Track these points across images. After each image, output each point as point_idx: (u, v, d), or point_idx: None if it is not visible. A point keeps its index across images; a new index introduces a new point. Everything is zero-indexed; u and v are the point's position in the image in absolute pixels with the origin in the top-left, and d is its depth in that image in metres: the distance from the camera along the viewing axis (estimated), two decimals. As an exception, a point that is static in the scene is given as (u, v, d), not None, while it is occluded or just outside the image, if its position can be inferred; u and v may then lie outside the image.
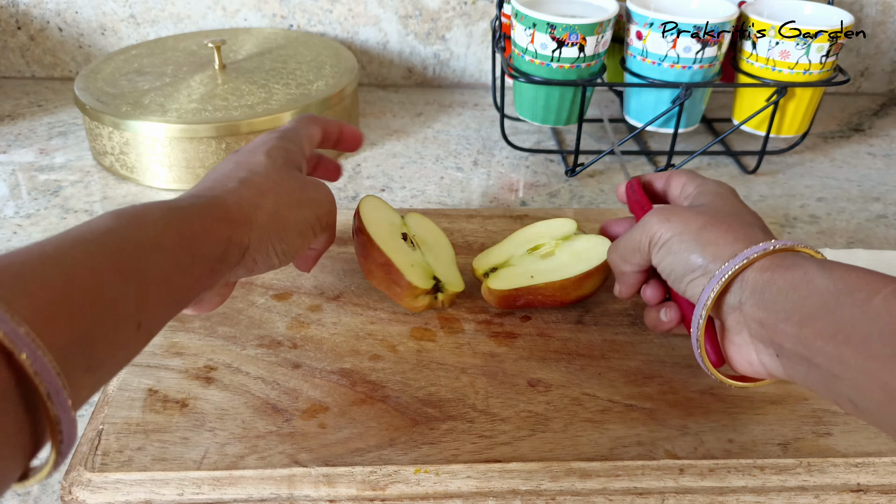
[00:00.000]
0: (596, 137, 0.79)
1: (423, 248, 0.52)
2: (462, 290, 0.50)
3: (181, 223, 0.34)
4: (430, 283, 0.49)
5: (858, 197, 0.70)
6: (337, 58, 0.78)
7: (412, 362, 0.46)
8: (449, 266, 0.51)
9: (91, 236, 0.30)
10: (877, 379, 0.29)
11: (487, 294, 0.49)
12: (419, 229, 0.53)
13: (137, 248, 0.31)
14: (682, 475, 0.39)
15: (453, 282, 0.50)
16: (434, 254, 0.52)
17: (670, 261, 0.39)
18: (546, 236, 0.52)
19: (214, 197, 0.37)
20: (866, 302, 0.31)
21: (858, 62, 0.90)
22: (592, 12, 0.67)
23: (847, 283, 0.32)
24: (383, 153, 0.75)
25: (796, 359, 0.33)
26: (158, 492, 0.38)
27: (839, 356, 0.31)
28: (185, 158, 0.66)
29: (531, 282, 0.48)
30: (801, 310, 0.33)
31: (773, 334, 0.34)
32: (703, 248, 0.38)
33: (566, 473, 0.39)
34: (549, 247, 0.51)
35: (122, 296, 0.29)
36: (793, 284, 0.34)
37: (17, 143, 0.75)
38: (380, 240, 0.49)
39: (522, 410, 0.43)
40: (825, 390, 0.33)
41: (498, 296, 0.49)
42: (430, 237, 0.53)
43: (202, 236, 0.35)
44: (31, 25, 0.85)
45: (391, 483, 0.38)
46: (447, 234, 0.55)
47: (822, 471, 0.40)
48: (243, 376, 0.45)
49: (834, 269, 0.34)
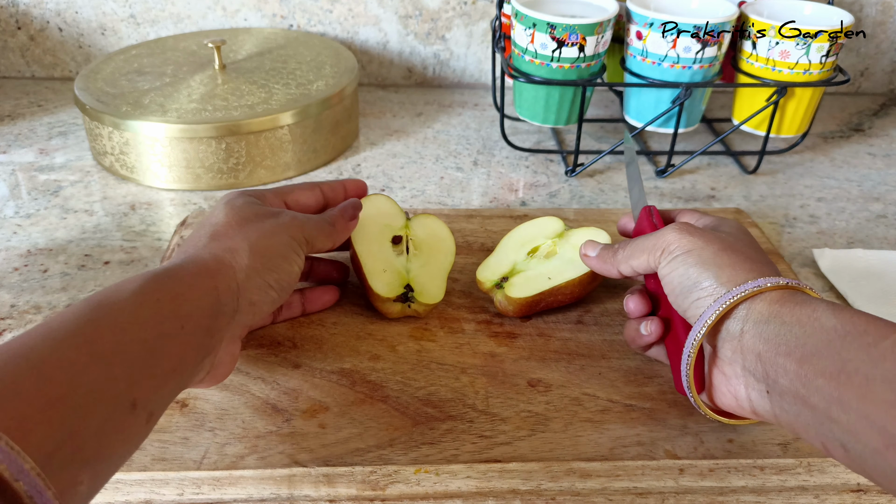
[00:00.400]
0: (596, 137, 0.79)
1: (416, 254, 0.50)
2: (436, 303, 0.49)
3: (158, 291, 0.33)
4: (395, 291, 0.48)
5: (858, 197, 0.70)
6: (337, 58, 0.78)
7: (412, 362, 0.46)
8: (435, 276, 0.50)
9: (60, 327, 0.29)
10: (876, 424, 0.29)
11: (506, 305, 0.48)
12: (424, 233, 0.52)
13: (115, 331, 0.30)
14: (682, 475, 0.39)
15: (431, 293, 0.48)
16: (425, 261, 0.50)
17: (679, 273, 0.39)
18: (539, 237, 0.52)
19: (187, 258, 0.37)
20: (873, 345, 0.30)
21: (858, 62, 0.90)
22: (592, 12, 0.67)
23: (855, 325, 0.32)
24: (383, 153, 0.75)
25: (790, 397, 0.33)
26: (158, 492, 0.38)
27: (838, 397, 0.30)
28: (185, 158, 0.66)
29: (550, 283, 0.48)
30: (804, 346, 0.32)
31: (770, 368, 0.34)
32: (718, 269, 0.37)
33: (566, 473, 0.39)
34: (547, 246, 0.51)
35: (107, 382, 0.28)
36: (799, 320, 0.33)
37: (17, 143, 0.75)
38: (360, 241, 0.49)
39: (522, 410, 0.43)
40: (815, 433, 0.32)
41: (520, 304, 0.48)
42: (432, 243, 0.51)
43: (186, 296, 0.34)
44: (31, 25, 0.85)
45: (391, 483, 0.38)
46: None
47: (822, 471, 0.40)
48: (243, 376, 0.45)
49: (843, 311, 0.33)
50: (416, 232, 0.52)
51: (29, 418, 0.25)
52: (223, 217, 0.41)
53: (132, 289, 0.33)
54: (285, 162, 0.69)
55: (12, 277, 0.55)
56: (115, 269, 0.56)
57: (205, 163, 0.66)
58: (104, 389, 0.28)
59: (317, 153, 0.71)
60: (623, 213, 0.62)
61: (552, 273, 0.48)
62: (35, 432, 0.25)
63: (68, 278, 0.55)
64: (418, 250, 0.51)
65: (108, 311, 0.31)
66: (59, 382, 0.27)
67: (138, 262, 0.57)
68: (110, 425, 0.28)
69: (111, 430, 0.28)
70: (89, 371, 0.28)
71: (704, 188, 0.70)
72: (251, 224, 0.41)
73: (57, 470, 0.25)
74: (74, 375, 0.27)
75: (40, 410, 0.25)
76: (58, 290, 0.54)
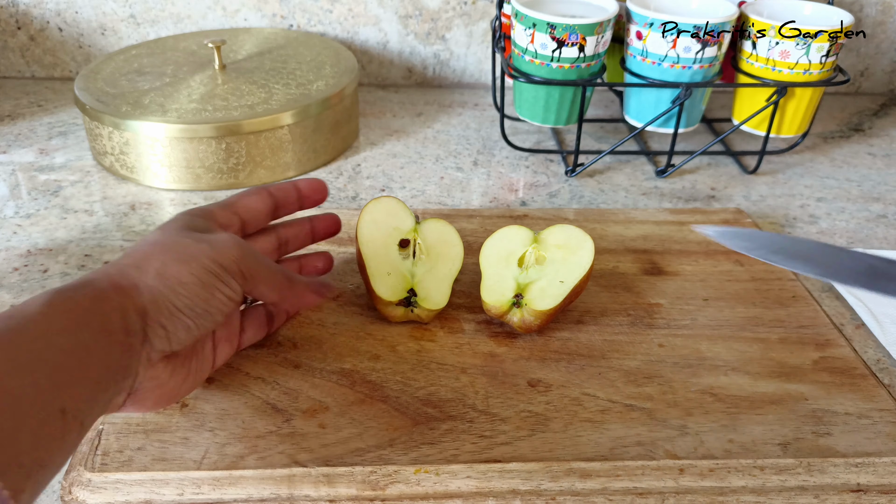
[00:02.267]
0: (596, 137, 0.79)
1: (423, 259, 0.50)
2: (439, 309, 0.48)
3: (67, 302, 0.33)
4: (398, 295, 0.48)
5: (858, 197, 0.70)
6: (337, 58, 0.78)
7: (412, 362, 0.46)
8: (441, 282, 0.49)
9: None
10: None
11: (532, 320, 0.47)
12: (433, 237, 0.50)
13: (30, 339, 0.30)
14: (682, 475, 0.39)
15: (434, 298, 0.48)
16: (432, 266, 0.49)
17: None
18: (517, 247, 0.50)
19: (97, 271, 0.36)
20: None
21: (858, 62, 0.90)
22: (592, 12, 0.67)
23: None
24: (383, 153, 0.75)
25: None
26: (158, 492, 0.38)
27: None
28: (185, 158, 0.66)
29: (567, 286, 0.47)
30: None
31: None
32: None
33: (566, 473, 0.39)
34: (532, 252, 0.49)
35: (30, 387, 0.29)
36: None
37: (17, 143, 0.75)
38: (366, 242, 0.49)
39: (522, 410, 0.43)
40: None
41: (547, 315, 0.46)
42: (441, 248, 0.50)
43: (94, 309, 0.33)
44: (31, 25, 0.85)
45: (391, 483, 0.38)
46: None
47: (822, 471, 0.40)
48: (243, 376, 0.45)
49: None
50: (426, 235, 0.51)
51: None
52: (151, 237, 0.39)
53: (41, 301, 0.32)
54: (285, 162, 0.69)
55: (12, 277, 0.55)
56: (115, 269, 0.56)
57: (205, 163, 0.66)
58: (30, 396, 0.28)
59: (317, 153, 0.71)
60: (623, 213, 0.62)
61: (560, 276, 0.47)
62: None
63: (68, 278, 0.55)
64: (426, 255, 0.50)
65: (19, 321, 0.31)
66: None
67: (138, 262, 0.57)
68: (45, 431, 0.29)
69: (46, 436, 0.29)
70: (12, 378, 0.28)
71: (704, 188, 0.70)
72: (175, 245, 0.38)
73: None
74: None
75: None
76: (58, 290, 0.54)
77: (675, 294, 0.52)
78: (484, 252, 0.50)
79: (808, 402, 0.44)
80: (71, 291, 0.34)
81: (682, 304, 0.51)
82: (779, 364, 0.47)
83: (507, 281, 0.48)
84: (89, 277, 0.35)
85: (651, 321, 0.50)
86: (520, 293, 0.47)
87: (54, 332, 0.31)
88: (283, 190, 0.46)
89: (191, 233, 0.39)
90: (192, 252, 0.37)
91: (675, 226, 0.60)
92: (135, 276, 0.36)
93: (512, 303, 0.47)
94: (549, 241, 0.49)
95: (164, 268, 0.36)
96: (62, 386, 0.30)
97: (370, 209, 0.50)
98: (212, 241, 0.38)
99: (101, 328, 0.33)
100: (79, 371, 0.31)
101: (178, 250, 0.37)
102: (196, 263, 0.37)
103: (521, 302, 0.47)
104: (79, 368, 0.31)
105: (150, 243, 0.38)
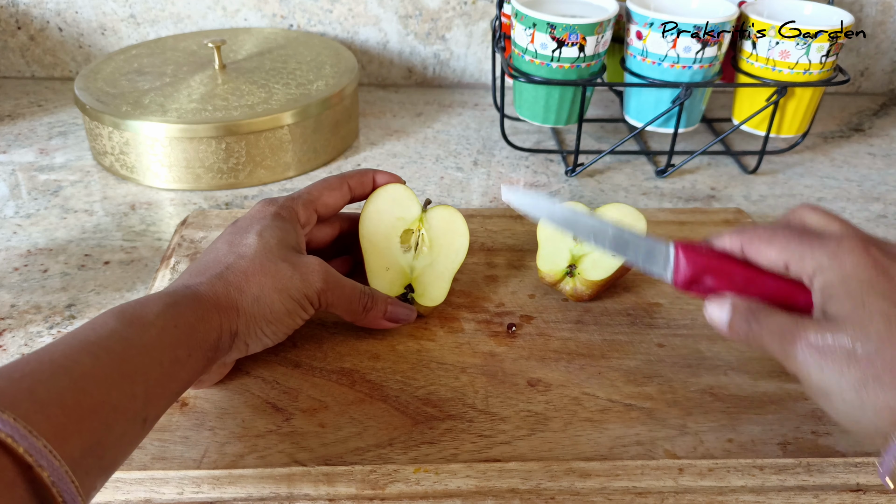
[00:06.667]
0: (596, 137, 0.79)
1: (425, 252, 0.49)
2: (436, 306, 0.48)
3: (178, 318, 0.35)
4: (395, 291, 0.48)
5: (858, 197, 0.70)
6: (337, 58, 0.78)
7: (412, 362, 0.46)
8: (440, 277, 0.49)
9: (97, 340, 0.32)
10: None
11: (583, 289, 0.49)
12: (439, 226, 0.50)
13: (141, 352, 0.32)
14: (681, 475, 0.39)
15: (431, 295, 0.48)
16: (433, 259, 0.49)
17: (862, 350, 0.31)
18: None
19: (203, 284, 0.38)
20: None
21: (858, 62, 0.90)
22: (592, 12, 0.67)
23: None
24: (383, 153, 0.75)
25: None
26: (158, 490, 0.38)
27: None
28: (185, 158, 0.66)
29: (618, 260, 0.49)
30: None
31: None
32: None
33: (565, 473, 0.39)
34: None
35: (129, 399, 0.31)
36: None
37: (17, 143, 0.75)
38: (367, 236, 0.49)
39: (522, 410, 0.43)
40: None
41: (598, 285, 0.49)
42: (445, 239, 0.50)
43: (197, 326, 0.36)
44: (31, 25, 0.85)
45: (390, 482, 0.38)
46: None
47: (822, 471, 0.40)
48: (243, 375, 0.45)
49: None
50: (431, 224, 0.50)
51: (66, 427, 0.27)
52: (250, 250, 0.41)
53: (156, 311, 0.35)
54: (285, 162, 0.69)
55: (12, 277, 0.55)
56: (115, 269, 0.56)
57: (205, 163, 0.66)
58: (126, 405, 0.31)
59: (317, 153, 0.71)
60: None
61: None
62: (70, 441, 0.27)
63: (68, 278, 0.55)
64: (428, 247, 0.49)
65: (137, 330, 0.33)
66: (93, 396, 0.29)
67: (138, 262, 0.57)
68: (126, 438, 0.31)
69: (126, 442, 0.31)
70: (118, 387, 0.30)
71: (704, 188, 0.70)
72: (270, 270, 0.40)
73: (81, 476, 0.27)
74: (106, 391, 0.30)
75: (76, 421, 0.28)
76: (58, 290, 0.54)
77: (674, 294, 0.52)
78: (541, 224, 0.52)
79: (808, 402, 0.44)
80: (184, 306, 0.36)
81: (682, 304, 0.51)
82: (778, 364, 0.47)
83: (562, 251, 0.51)
84: (196, 288, 0.38)
85: (651, 321, 0.50)
86: (573, 263, 0.50)
87: (160, 348, 0.33)
88: (362, 184, 0.49)
89: (285, 252, 0.42)
90: (286, 283, 0.40)
91: (675, 226, 0.60)
92: (236, 299, 0.39)
93: (565, 272, 0.50)
94: (605, 216, 0.51)
95: (262, 294, 0.39)
96: (152, 398, 0.32)
97: (375, 199, 0.50)
98: (303, 271, 0.41)
99: (198, 345, 0.36)
100: (169, 385, 0.34)
101: (276, 277, 0.40)
102: (287, 294, 0.40)
103: (574, 272, 0.50)
104: (169, 382, 0.34)
105: (250, 259, 0.40)
